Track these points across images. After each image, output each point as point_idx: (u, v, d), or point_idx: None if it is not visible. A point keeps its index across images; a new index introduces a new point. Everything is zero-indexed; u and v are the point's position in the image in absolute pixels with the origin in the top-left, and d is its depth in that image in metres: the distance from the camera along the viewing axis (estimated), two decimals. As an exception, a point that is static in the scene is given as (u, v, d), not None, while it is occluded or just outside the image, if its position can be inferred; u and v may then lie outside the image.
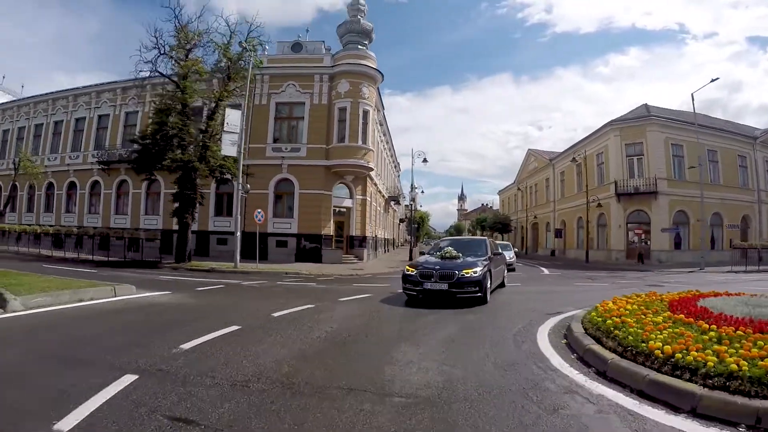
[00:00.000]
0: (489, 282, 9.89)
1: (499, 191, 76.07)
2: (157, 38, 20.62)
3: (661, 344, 4.38)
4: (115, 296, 9.42)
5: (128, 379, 4.13)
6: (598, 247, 35.19)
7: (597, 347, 5.10)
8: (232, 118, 18.70)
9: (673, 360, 4.11)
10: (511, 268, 20.30)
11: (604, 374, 4.53)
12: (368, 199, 28.09)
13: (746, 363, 3.74)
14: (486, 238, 13.89)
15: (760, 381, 3.53)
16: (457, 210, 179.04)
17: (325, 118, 25.44)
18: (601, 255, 33.78)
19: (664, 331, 4.87)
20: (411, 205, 42.99)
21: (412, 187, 41.61)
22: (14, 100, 39.50)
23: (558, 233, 41.62)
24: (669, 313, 5.90)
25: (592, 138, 37.42)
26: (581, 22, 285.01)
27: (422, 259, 11.10)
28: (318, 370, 4.71)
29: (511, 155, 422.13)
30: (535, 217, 51.90)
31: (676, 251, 31.04)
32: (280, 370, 4.64)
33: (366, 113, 25.66)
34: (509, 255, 21.36)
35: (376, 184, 32.12)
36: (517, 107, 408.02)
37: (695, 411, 3.52)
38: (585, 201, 34.92)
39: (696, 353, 4.07)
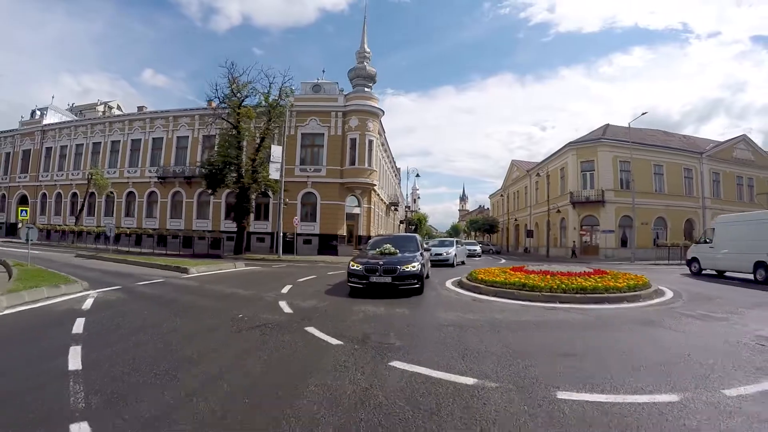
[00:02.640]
0: (425, 275, 11.68)
1: (490, 195, 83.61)
2: (217, 90, 28.19)
3: (482, 276, 11.92)
4: (235, 268, 17.01)
5: (289, 286, 11.67)
6: (560, 245, 42.67)
7: (464, 280, 12.64)
8: (276, 152, 26.17)
9: (482, 280, 11.63)
10: (449, 264, 22.68)
11: (461, 287, 12.06)
12: (372, 207, 35.66)
13: (502, 279, 11.25)
14: (416, 235, 15.67)
15: (502, 282, 11.02)
16: (459, 210, 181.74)
17: (340, 146, 33.13)
18: (561, 251, 41.27)
19: (492, 276, 12.37)
20: (407, 210, 50.47)
21: (413, 190, 49.01)
22: (70, 121, 47.14)
23: (530, 233, 49.35)
24: (506, 270, 13.37)
25: (556, 155, 45.08)
26: (584, 21, 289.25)
27: (365, 255, 12.05)
28: (356, 286, 12.39)
29: (514, 155, 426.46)
30: (516, 219, 59.44)
31: (622, 249, 38.19)
32: (340, 283, 12.25)
33: (371, 142, 33.32)
34: (452, 249, 23.74)
35: (378, 195, 39.65)
36: (521, 107, 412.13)
37: (479, 292, 11.02)
38: (554, 207, 42.44)
39: (489, 277, 11.58)
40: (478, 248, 39.63)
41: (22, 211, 37.04)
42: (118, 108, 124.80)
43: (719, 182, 44.81)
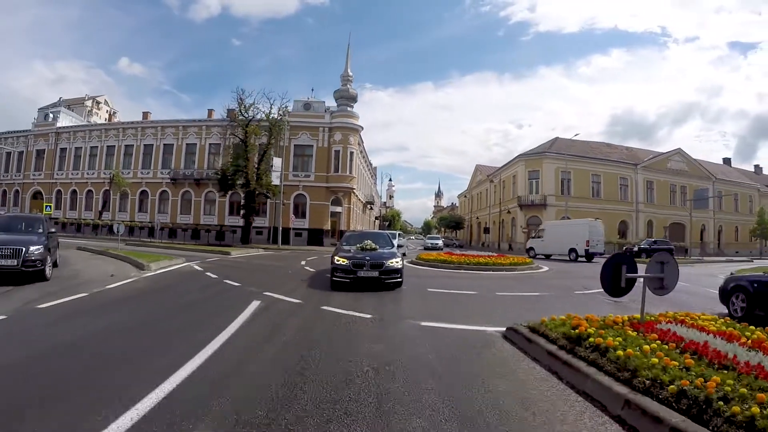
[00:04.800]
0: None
1: (459, 195, 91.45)
2: (229, 111, 34.76)
3: (423, 257, 19.24)
4: (258, 252, 23.90)
5: (304, 261, 18.81)
6: (510, 240, 50.37)
7: (413, 259, 19.93)
8: (276, 162, 32.96)
9: (422, 258, 18.91)
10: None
11: (410, 263, 19.30)
12: (352, 206, 42.82)
13: (434, 257, 18.51)
14: (385, 231, 18.53)
15: (433, 259, 18.28)
16: (434, 206, 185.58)
17: (326, 156, 40.13)
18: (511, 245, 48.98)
19: (429, 256, 19.62)
20: (382, 207, 57.47)
21: (388, 187, 55.98)
22: (85, 125, 52.90)
23: (487, 230, 57.30)
24: (441, 253, 20.62)
25: (508, 165, 53.03)
26: (564, 21, 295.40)
27: (346, 249, 12.13)
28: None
29: (491, 152, 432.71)
30: (478, 218, 67.29)
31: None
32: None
33: (352, 153, 40.46)
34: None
35: (357, 196, 46.78)
36: (499, 105, 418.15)
37: (419, 265, 18.24)
38: (505, 209, 50.13)
39: (427, 257, 18.85)
40: (439, 242, 47.08)
41: (46, 206, 43.00)
42: (106, 103, 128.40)
43: (653, 189, 52.60)
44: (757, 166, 73.66)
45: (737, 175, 63.88)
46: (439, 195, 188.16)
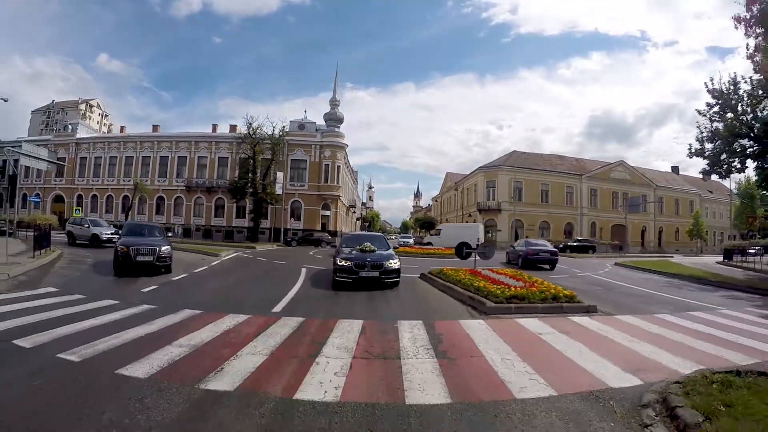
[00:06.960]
0: None
1: (433, 198, 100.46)
2: (231, 126, 42.95)
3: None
4: (273, 247, 32.29)
5: (311, 252, 27.22)
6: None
7: (387, 251, 28.71)
8: (279, 176, 41.30)
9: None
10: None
11: (386, 254, 28.02)
12: (338, 210, 51.41)
13: (401, 250, 27.31)
14: (382, 234, 21.42)
15: (405, 251, 27.06)
16: (413, 206, 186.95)
17: (317, 169, 48.68)
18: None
19: (397, 250, 28.39)
20: (363, 207, 65.75)
21: (368, 188, 64.17)
22: (104, 136, 60.23)
23: (452, 231, 66.31)
24: (407, 247, 29.40)
25: (470, 175, 62.40)
26: (545, 24, 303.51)
27: (346, 251, 13.03)
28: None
29: (471, 152, 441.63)
30: (447, 219, 76.19)
31: (514, 242, 54.88)
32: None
33: (339, 167, 49.10)
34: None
35: (342, 201, 55.32)
36: (480, 106, 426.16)
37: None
38: (467, 213, 59.07)
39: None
40: (410, 240, 55.65)
41: (76, 209, 49.76)
42: (99, 106, 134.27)
43: (597, 196, 61.66)
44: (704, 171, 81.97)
45: (681, 182, 72.16)
46: (418, 195, 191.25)
